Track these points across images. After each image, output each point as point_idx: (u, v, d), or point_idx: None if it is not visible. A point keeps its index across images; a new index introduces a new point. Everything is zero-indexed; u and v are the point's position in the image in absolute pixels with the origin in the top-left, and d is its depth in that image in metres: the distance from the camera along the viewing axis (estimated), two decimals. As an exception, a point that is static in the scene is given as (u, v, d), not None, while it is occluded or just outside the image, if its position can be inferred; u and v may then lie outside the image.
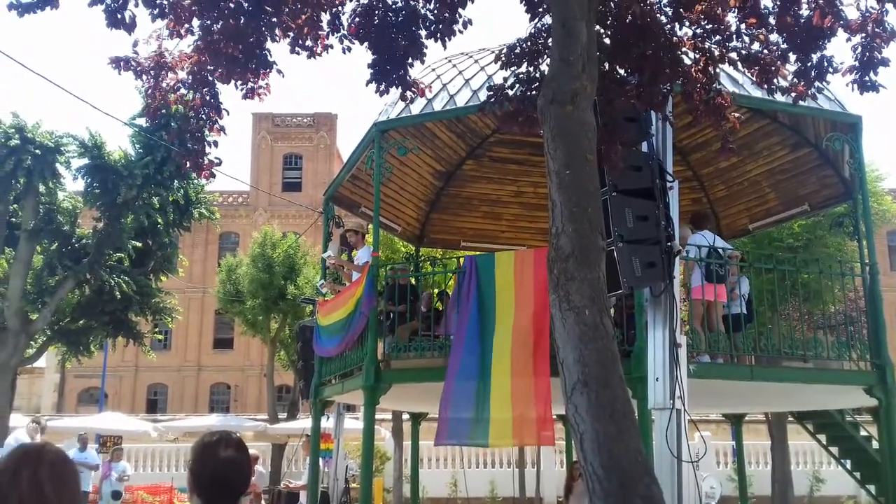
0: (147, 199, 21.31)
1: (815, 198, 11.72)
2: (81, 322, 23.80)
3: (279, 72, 6.79)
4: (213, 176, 7.13)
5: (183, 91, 6.70)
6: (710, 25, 6.50)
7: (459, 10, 6.76)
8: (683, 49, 6.52)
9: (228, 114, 6.84)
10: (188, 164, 7.03)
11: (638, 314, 8.24)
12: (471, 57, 10.69)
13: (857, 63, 6.24)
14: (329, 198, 12.40)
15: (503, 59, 6.88)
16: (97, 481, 18.36)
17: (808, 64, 6.45)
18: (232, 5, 6.35)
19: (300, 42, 6.76)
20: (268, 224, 33.32)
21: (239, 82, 6.67)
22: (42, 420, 15.45)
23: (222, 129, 6.88)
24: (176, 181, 21.71)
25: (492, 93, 6.91)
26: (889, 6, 6.15)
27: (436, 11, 6.81)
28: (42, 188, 21.42)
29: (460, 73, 10.26)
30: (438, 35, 6.86)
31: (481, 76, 9.99)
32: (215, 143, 6.91)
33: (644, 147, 7.41)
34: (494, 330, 8.71)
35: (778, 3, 6.32)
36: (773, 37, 6.50)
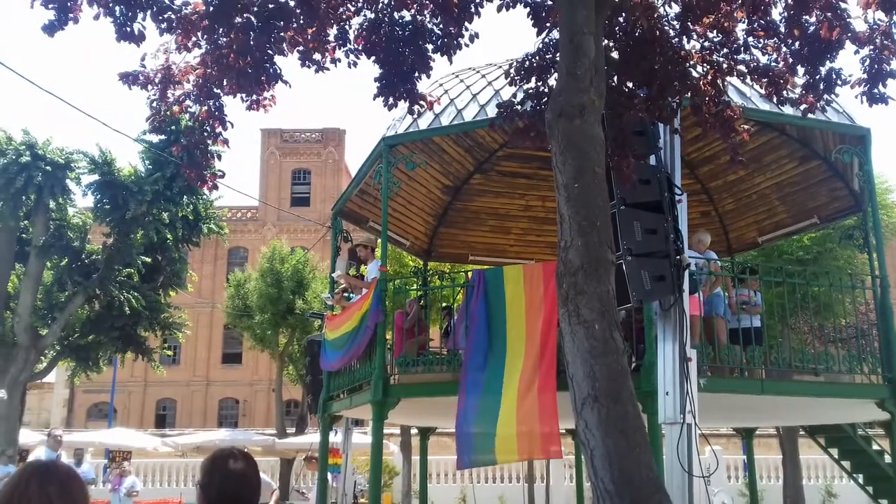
0: (157, 214, 21.39)
1: (824, 210, 11.68)
2: (91, 337, 23.84)
3: (285, 82, 6.81)
4: (216, 188, 7.15)
5: (188, 103, 6.73)
6: (718, 38, 6.51)
7: (466, 24, 6.77)
8: (692, 62, 6.52)
9: (233, 126, 6.86)
10: (192, 176, 7.04)
11: (647, 328, 8.21)
12: (478, 72, 10.73)
13: (865, 75, 6.23)
14: (337, 212, 12.42)
15: (512, 74, 6.89)
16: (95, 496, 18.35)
17: (817, 76, 6.44)
18: (241, 20, 6.39)
19: (309, 56, 6.79)
20: (276, 239, 33.38)
21: (244, 94, 6.69)
22: (57, 432, 15.38)
23: (226, 141, 6.90)
24: (185, 197, 21.80)
25: (501, 109, 6.91)
26: (897, 18, 6.14)
27: (442, 26, 6.83)
28: (52, 204, 21.52)
29: (468, 87, 10.29)
30: (445, 49, 6.88)
31: (489, 91, 10.01)
32: (219, 156, 6.93)
33: (652, 160, 7.40)
34: (506, 345, 8.67)
35: (786, 15, 6.32)
36: (782, 49, 6.50)
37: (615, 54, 6.48)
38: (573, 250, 4.78)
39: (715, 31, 6.47)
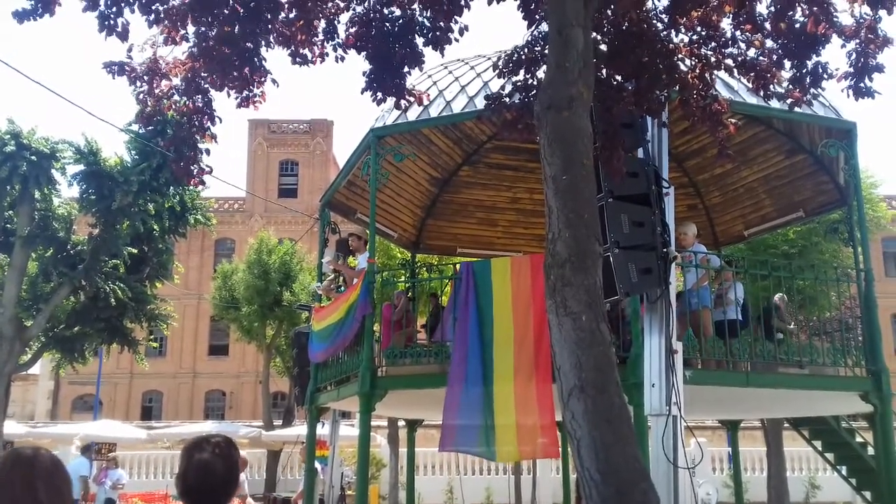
0: (143, 205, 21.24)
1: (810, 204, 11.77)
2: (76, 329, 23.69)
3: (274, 81, 6.78)
4: (204, 183, 7.11)
5: (176, 98, 6.69)
6: (705, 32, 6.52)
7: (456, 17, 6.76)
8: (680, 55, 6.54)
9: (221, 121, 6.81)
10: (179, 171, 7.00)
11: (634, 320, 8.25)
12: (467, 63, 10.72)
13: (851, 69, 6.26)
14: (325, 204, 12.40)
15: (501, 66, 6.89)
16: (93, 489, 18.28)
17: (804, 70, 6.47)
18: (227, 11, 6.35)
19: (297, 51, 6.76)
20: (264, 230, 33.29)
21: (234, 91, 6.65)
22: None
23: (214, 136, 6.86)
24: (172, 187, 21.66)
25: (490, 100, 6.92)
26: (882, 13, 6.18)
27: (432, 19, 6.82)
28: (37, 194, 21.34)
29: (456, 79, 10.28)
30: (435, 43, 6.86)
31: (477, 83, 10.01)
32: (207, 151, 6.89)
33: (640, 153, 7.43)
34: (493, 336, 8.70)
35: (772, 9, 6.35)
36: (769, 43, 6.53)
37: (604, 47, 6.49)
38: (561, 242, 4.80)
39: (702, 25, 6.49)
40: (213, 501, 2.77)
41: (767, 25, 6.42)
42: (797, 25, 6.28)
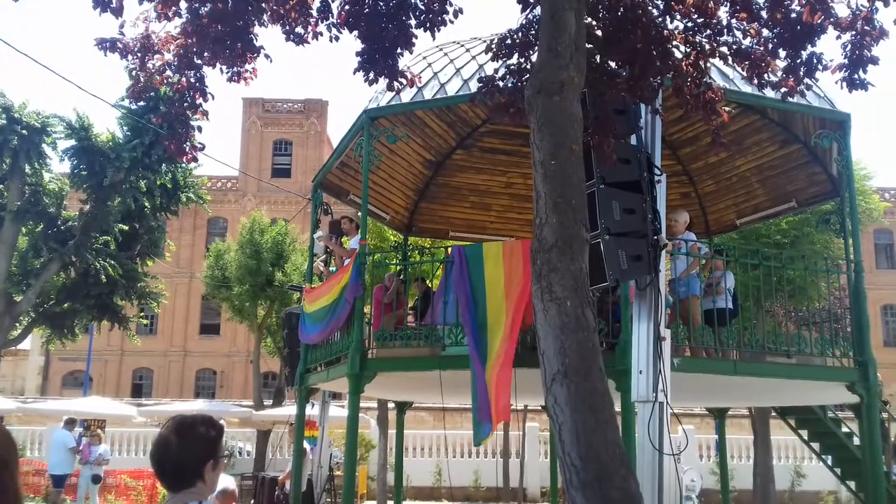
0: (134, 182, 21.12)
1: (802, 195, 11.77)
2: (66, 305, 23.62)
3: (267, 56, 6.73)
4: (196, 160, 7.09)
5: (169, 73, 6.64)
6: (700, 19, 6.49)
7: (450, -1, 6.71)
8: (674, 42, 6.51)
9: (213, 98, 6.77)
10: (172, 148, 6.96)
11: (623, 307, 8.26)
12: (462, 46, 10.65)
13: (846, 60, 6.24)
14: (318, 184, 12.36)
15: (494, 50, 6.85)
16: (79, 464, 18.33)
17: (798, 60, 6.44)
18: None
19: (291, 28, 6.71)
20: (256, 210, 33.17)
21: (225, 66, 6.60)
22: None
23: (206, 113, 6.82)
24: (164, 164, 21.52)
25: (482, 84, 6.88)
26: (879, 4, 6.15)
27: (426, 1, 6.76)
28: (28, 169, 21.20)
29: (451, 61, 10.22)
30: (428, 25, 6.81)
31: (472, 65, 9.95)
32: (199, 128, 6.86)
33: (633, 140, 7.41)
34: (487, 322, 8.68)
35: (769, -2, 6.32)
36: (764, 32, 6.50)
37: (598, 33, 6.45)
38: (548, 227, 4.79)
39: (698, 12, 6.46)
40: (172, 480, 2.75)
41: (763, 14, 6.39)
42: (793, 15, 6.25)
